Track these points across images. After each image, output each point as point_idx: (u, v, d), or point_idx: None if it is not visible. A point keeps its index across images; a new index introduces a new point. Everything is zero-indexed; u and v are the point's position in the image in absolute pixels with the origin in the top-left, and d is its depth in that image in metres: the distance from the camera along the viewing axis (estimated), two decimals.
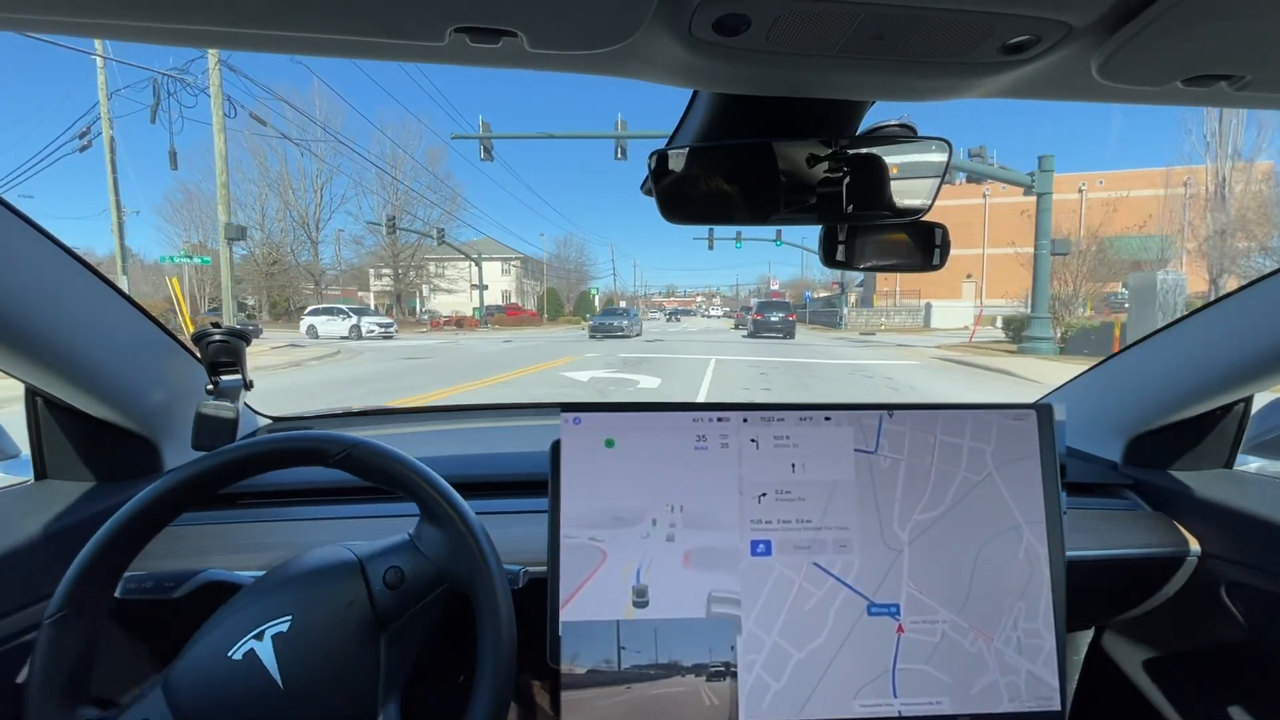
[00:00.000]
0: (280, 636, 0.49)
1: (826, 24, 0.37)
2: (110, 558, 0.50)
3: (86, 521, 0.68)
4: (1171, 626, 0.86)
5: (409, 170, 29.65)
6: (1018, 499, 0.62)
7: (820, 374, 8.98)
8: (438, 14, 0.35)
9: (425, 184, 30.14)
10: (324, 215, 28.26)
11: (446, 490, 0.54)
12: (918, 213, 0.57)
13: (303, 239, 27.99)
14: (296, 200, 27.43)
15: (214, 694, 0.48)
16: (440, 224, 29.50)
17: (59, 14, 0.36)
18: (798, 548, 0.61)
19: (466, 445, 1.02)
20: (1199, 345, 0.78)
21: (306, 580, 0.53)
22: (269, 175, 26.74)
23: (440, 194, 30.77)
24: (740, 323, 37.68)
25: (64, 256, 0.61)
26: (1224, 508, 0.77)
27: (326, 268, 29.52)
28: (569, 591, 0.59)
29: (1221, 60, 0.40)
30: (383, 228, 20.18)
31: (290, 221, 27.54)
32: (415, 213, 29.25)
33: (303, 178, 27.63)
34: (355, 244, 30.84)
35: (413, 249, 30.11)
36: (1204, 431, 0.85)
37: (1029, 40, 0.38)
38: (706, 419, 0.62)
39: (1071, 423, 0.98)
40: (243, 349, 0.67)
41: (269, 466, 0.54)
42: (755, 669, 0.59)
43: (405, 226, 24.95)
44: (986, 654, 0.60)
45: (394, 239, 28.93)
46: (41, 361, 0.60)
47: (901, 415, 0.62)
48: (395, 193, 29.14)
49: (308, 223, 27.75)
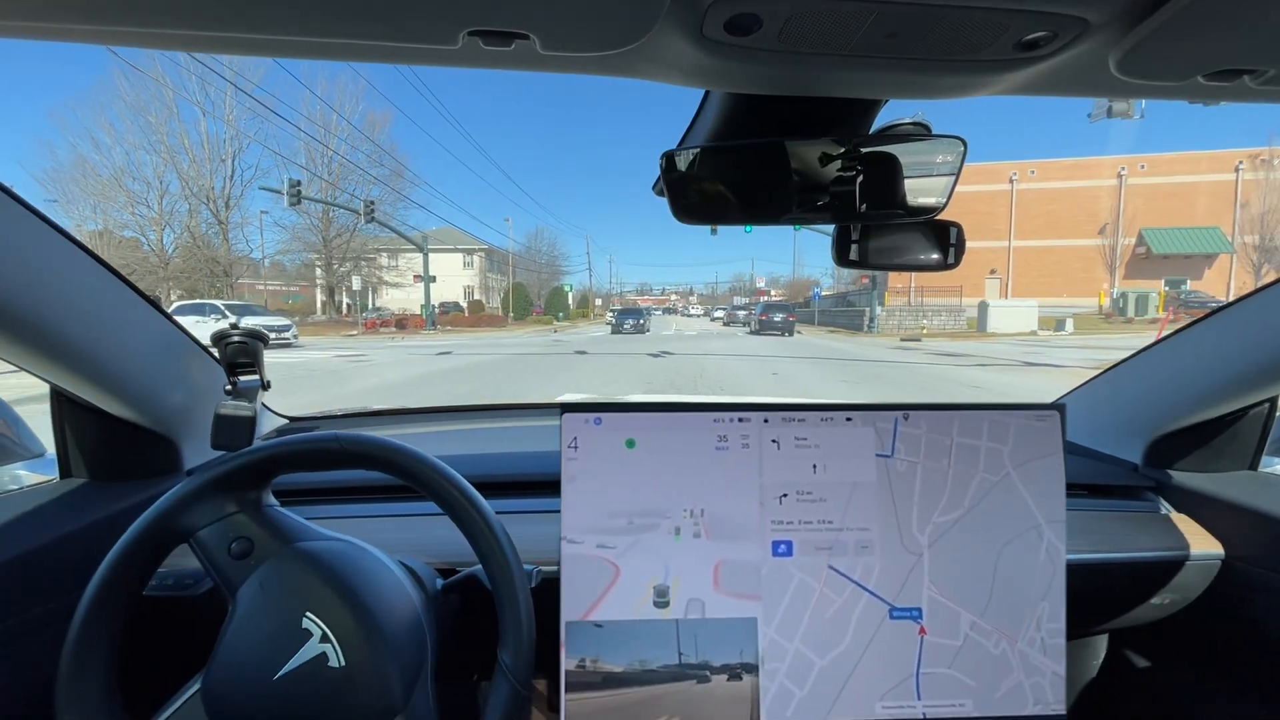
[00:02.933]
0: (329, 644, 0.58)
1: (839, 23, 0.42)
2: (144, 554, 0.59)
3: (110, 519, 0.79)
4: (1194, 630, 0.94)
5: (346, 137, 28.25)
6: (1037, 499, 0.71)
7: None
8: (451, 17, 0.41)
9: (366, 155, 28.81)
10: (235, 191, 26.05)
11: (469, 491, 0.62)
12: (932, 211, 0.66)
13: (213, 223, 25.82)
14: (199, 173, 25.01)
15: (263, 708, 0.56)
16: (385, 206, 27.80)
17: (69, 21, 0.42)
18: (819, 548, 0.69)
19: (480, 445, 1.15)
20: (1222, 345, 0.86)
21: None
22: (153, 138, 24.02)
23: (386, 169, 29.65)
24: (730, 320, 42.62)
25: (89, 260, 0.70)
26: (1250, 510, 0.86)
27: (240, 255, 27.60)
28: (590, 597, 0.67)
29: (1244, 54, 0.43)
30: (283, 195, 17.14)
31: (196, 202, 25.21)
32: (352, 191, 27.60)
33: (206, 146, 25.22)
34: (279, 228, 28.99)
35: (348, 235, 28.76)
36: (1228, 432, 0.94)
37: (1045, 37, 0.42)
38: (728, 419, 0.71)
39: (1092, 424, 1.08)
40: (260, 350, 0.76)
41: (296, 467, 0.63)
42: (779, 677, 0.68)
43: (313, 196, 22.05)
44: (1011, 656, 0.69)
45: (327, 222, 27.56)
46: (66, 362, 0.70)
47: (917, 418, 0.71)
48: (329, 165, 27.87)
49: (213, 201, 25.41)
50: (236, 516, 0.62)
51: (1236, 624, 0.88)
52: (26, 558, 0.70)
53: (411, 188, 36.52)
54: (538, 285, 47.66)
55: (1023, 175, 30.87)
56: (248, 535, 0.62)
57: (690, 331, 26.80)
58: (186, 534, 0.61)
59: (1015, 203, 30.44)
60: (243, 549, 0.61)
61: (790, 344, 17.44)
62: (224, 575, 0.61)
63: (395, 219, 28.03)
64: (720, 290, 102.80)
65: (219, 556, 0.61)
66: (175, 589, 0.78)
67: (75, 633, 0.56)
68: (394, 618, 0.60)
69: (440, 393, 7.72)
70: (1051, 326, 20.16)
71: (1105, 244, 28.93)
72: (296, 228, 28.70)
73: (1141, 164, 29.86)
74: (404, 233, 23.99)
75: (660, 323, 38.12)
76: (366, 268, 31.49)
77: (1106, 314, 24.61)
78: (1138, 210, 28.97)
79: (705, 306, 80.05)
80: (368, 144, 29.05)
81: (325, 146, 27.61)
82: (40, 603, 0.71)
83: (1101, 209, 29.98)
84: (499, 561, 0.61)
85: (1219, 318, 0.88)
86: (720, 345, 17.01)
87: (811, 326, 29.93)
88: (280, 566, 0.60)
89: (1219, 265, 29.29)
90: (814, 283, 47.28)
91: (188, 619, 0.80)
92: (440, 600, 0.69)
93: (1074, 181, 30.40)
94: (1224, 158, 29.12)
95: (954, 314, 23.16)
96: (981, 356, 12.89)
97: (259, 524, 0.62)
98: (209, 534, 0.61)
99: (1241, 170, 28.27)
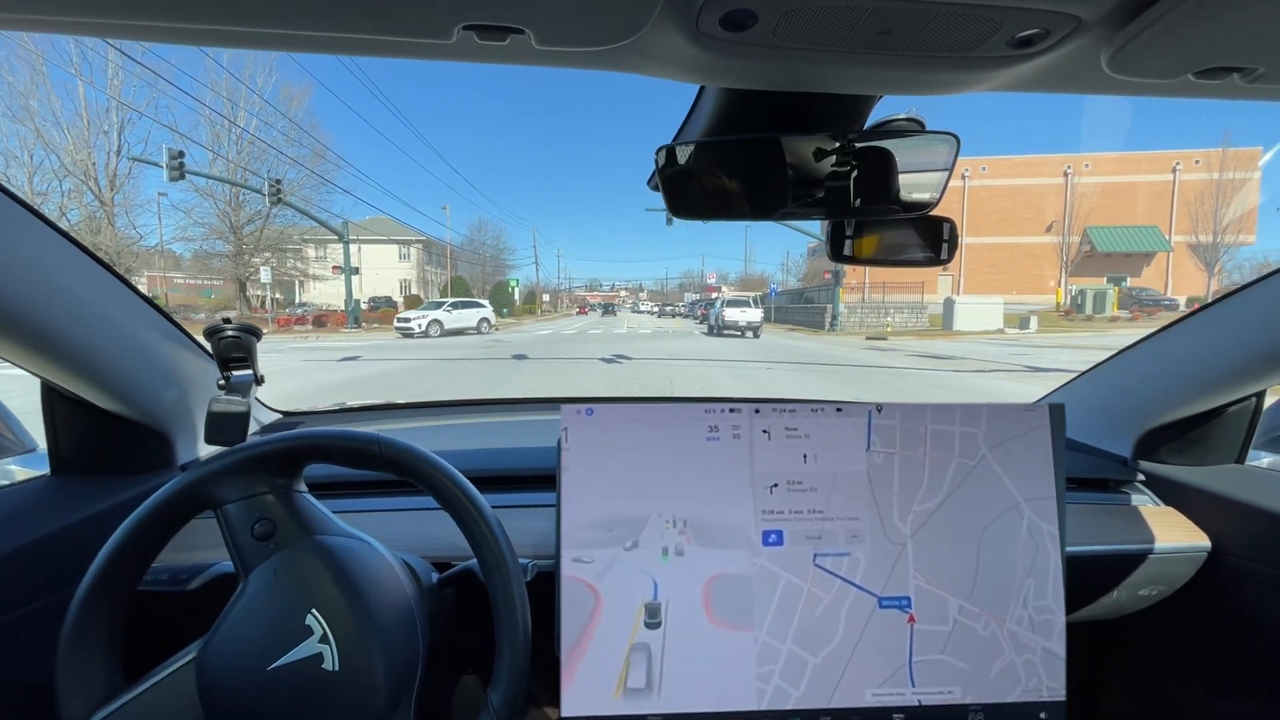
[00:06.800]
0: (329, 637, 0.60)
1: (834, 18, 0.44)
2: (172, 515, 0.61)
3: (103, 515, 0.82)
4: (1182, 621, 1.01)
5: (258, 112, 26.40)
6: (1014, 478, 0.77)
7: None
8: (446, 12, 0.43)
9: (283, 134, 27.19)
10: (123, 169, 23.54)
11: (466, 486, 0.65)
12: (926, 207, 0.71)
13: (94, 205, 23.27)
14: (75, 148, 22.46)
15: (251, 694, 0.58)
16: (305, 190, 26.58)
17: (68, 14, 0.43)
18: (809, 537, 0.74)
19: (475, 440, 1.19)
20: (1211, 339, 0.93)
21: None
22: (14, 104, 21.43)
23: (306, 149, 28.03)
24: (674, 314, 43.90)
25: (78, 253, 0.72)
26: (1237, 502, 0.93)
27: (129, 242, 24.99)
28: (580, 624, 0.71)
29: (1233, 52, 0.46)
30: (163, 168, 15.43)
31: (79, 181, 22.69)
32: (266, 173, 24.43)
33: (85, 116, 22.85)
34: (178, 212, 26.78)
35: (261, 222, 27.04)
36: (1216, 427, 1.02)
37: (1038, 34, 0.45)
38: (719, 410, 0.75)
39: (1082, 417, 1.16)
40: (254, 344, 0.78)
41: (327, 459, 0.66)
42: (773, 679, 0.72)
43: (201, 171, 20.17)
44: (1000, 636, 0.75)
45: (237, 207, 25.84)
46: (57, 357, 0.72)
47: (890, 409, 0.76)
48: (237, 143, 26.19)
49: (94, 179, 23.02)
50: (266, 497, 0.65)
51: (1222, 613, 0.95)
52: (17, 553, 0.72)
53: (335, 171, 34.89)
54: (482, 279, 47.01)
55: (974, 172, 32.51)
56: (272, 518, 0.64)
57: (644, 330, 26.35)
58: (217, 503, 0.64)
59: (967, 199, 32.08)
60: (265, 530, 0.63)
61: (756, 346, 16.66)
62: (242, 553, 0.63)
63: (317, 205, 26.73)
64: (670, 287, 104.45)
65: (241, 534, 0.63)
66: (170, 584, 0.80)
67: (73, 622, 0.58)
68: (392, 625, 0.63)
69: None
70: (1015, 324, 20.97)
71: (1056, 241, 30.77)
72: (198, 211, 26.73)
73: (1086, 163, 31.99)
74: (321, 219, 22.61)
75: (609, 321, 37.97)
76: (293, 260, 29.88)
77: (1066, 311, 25.76)
78: (1084, 209, 31.01)
79: (657, 303, 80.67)
80: (284, 121, 27.57)
81: (230, 121, 25.93)
82: (32, 598, 0.73)
83: (1049, 207, 31.93)
84: (494, 555, 0.64)
85: (1207, 313, 0.93)
86: (682, 347, 16.12)
87: (768, 324, 30.28)
88: (296, 557, 0.63)
89: (1156, 263, 31.72)
90: (765, 279, 49.01)
91: (178, 614, 0.82)
92: (435, 594, 0.71)
93: (1023, 179, 32.25)
94: (1162, 158, 31.57)
95: (916, 311, 23.57)
96: (970, 359, 12.22)
97: (286, 509, 0.65)
98: (236, 509, 0.64)
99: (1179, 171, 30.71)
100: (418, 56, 0.50)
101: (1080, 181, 31.60)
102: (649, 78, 0.57)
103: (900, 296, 26.70)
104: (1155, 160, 31.69)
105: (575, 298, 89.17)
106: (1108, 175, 31.69)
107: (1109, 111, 40.84)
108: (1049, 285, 30.91)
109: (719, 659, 0.72)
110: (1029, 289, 30.59)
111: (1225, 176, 27.25)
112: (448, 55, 0.49)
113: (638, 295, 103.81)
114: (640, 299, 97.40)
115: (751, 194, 0.71)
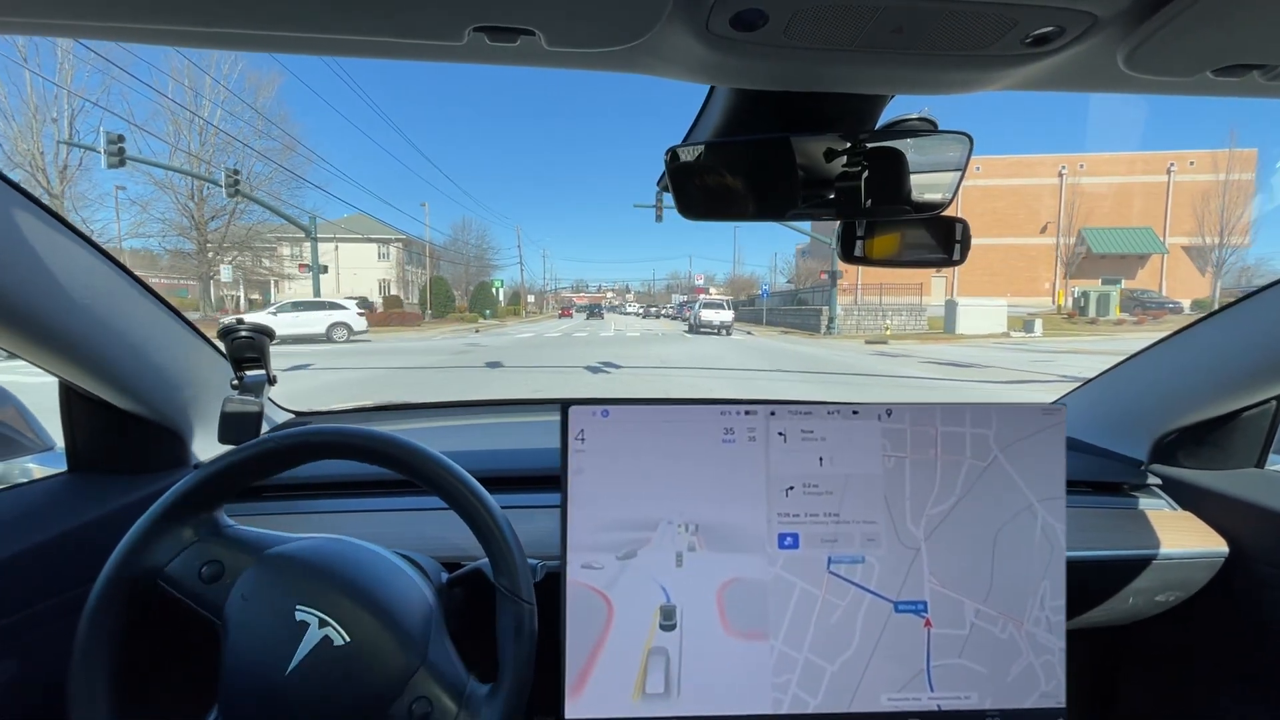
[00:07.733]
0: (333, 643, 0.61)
1: (845, 18, 0.44)
2: (118, 605, 0.61)
3: (119, 512, 0.85)
4: (1198, 627, 1.02)
5: (222, 103, 25.41)
6: (1026, 479, 0.77)
7: None
8: (457, 14, 0.43)
9: (250, 125, 26.22)
10: (74, 161, 22.14)
11: (475, 486, 0.66)
12: (938, 207, 0.72)
13: (45, 199, 22.46)
14: (21, 137, 21.30)
15: (284, 703, 0.59)
16: (273, 185, 25.75)
17: (76, 18, 0.43)
18: (824, 540, 0.75)
19: (484, 440, 1.22)
20: (1228, 342, 0.93)
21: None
22: None
23: (276, 142, 27.28)
24: (659, 315, 46.14)
25: (94, 255, 0.74)
26: (1256, 507, 0.93)
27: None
28: (593, 634, 0.72)
29: (1254, 49, 0.45)
30: (100, 153, 14.52)
31: (26, 172, 20.83)
32: (231, 166, 23.17)
33: (32, 103, 21.62)
34: (135, 206, 25.30)
35: (227, 218, 26.11)
36: (1233, 430, 1.02)
37: (1053, 32, 0.45)
38: (734, 412, 0.75)
39: (1097, 421, 1.17)
40: (266, 345, 0.80)
41: (302, 460, 0.66)
42: (790, 688, 0.73)
43: (146, 159, 18.96)
44: (1019, 638, 0.75)
45: (201, 201, 24.86)
46: (73, 356, 0.74)
47: (900, 412, 0.77)
48: (201, 134, 25.28)
49: (41, 170, 21.68)
50: (197, 544, 0.64)
51: (1241, 620, 0.96)
52: (37, 550, 0.75)
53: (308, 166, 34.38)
54: (465, 279, 46.81)
55: (969, 172, 32.71)
56: (214, 558, 0.64)
57: (632, 332, 26.10)
58: (154, 574, 0.63)
59: (961, 200, 32.28)
60: (213, 572, 0.64)
61: (757, 351, 15.81)
62: (203, 601, 0.63)
63: (288, 202, 26.07)
64: (657, 288, 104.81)
65: (192, 584, 0.63)
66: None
67: (88, 622, 0.59)
68: (388, 586, 0.65)
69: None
70: (1019, 327, 20.82)
71: (1053, 242, 31.03)
72: (157, 206, 25.63)
73: (1081, 163, 32.33)
74: (288, 215, 21.39)
75: (595, 324, 37.76)
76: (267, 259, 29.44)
77: (1069, 314, 25.70)
78: (1081, 210, 31.34)
79: (643, 305, 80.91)
80: (250, 113, 26.63)
81: (190, 112, 24.92)
82: (52, 595, 0.76)
83: (1044, 208, 32.25)
84: (504, 555, 0.64)
85: (1222, 316, 0.95)
86: (676, 352, 14.98)
87: (760, 327, 30.18)
88: (257, 573, 0.63)
89: (1151, 265, 32.10)
90: (755, 280, 50.28)
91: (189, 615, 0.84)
92: (446, 593, 0.72)
93: (1017, 179, 32.54)
94: (1156, 159, 31.97)
95: (915, 313, 23.33)
96: (992, 367, 11.16)
97: (222, 545, 0.65)
98: (176, 568, 0.63)
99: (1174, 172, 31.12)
100: (428, 59, 0.51)
101: (1075, 182, 31.93)
102: (641, 75, 0.57)
103: (897, 298, 26.54)
104: (1150, 161, 32.06)
105: (561, 299, 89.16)
106: (1103, 176, 32.04)
107: (1109, 111, 41.37)
108: (1044, 287, 31.20)
109: (735, 667, 0.72)
110: (1023, 291, 30.81)
111: (1232, 178, 27.57)
112: (458, 57, 0.50)
113: (624, 296, 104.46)
114: (627, 299, 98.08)
115: (762, 194, 0.71)
